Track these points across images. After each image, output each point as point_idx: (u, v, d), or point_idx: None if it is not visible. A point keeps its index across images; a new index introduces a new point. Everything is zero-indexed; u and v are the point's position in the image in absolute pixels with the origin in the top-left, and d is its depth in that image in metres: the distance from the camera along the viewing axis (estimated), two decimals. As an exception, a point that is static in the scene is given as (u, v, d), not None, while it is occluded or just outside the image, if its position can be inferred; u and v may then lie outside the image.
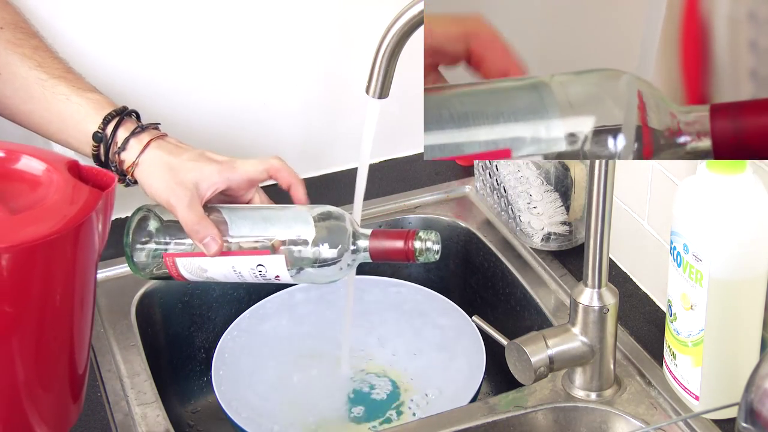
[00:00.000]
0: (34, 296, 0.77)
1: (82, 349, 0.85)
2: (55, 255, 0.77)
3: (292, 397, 1.26)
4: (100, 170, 0.81)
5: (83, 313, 0.83)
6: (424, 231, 1.02)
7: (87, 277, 0.81)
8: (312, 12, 1.38)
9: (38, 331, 0.80)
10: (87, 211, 0.78)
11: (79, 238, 0.78)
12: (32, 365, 0.81)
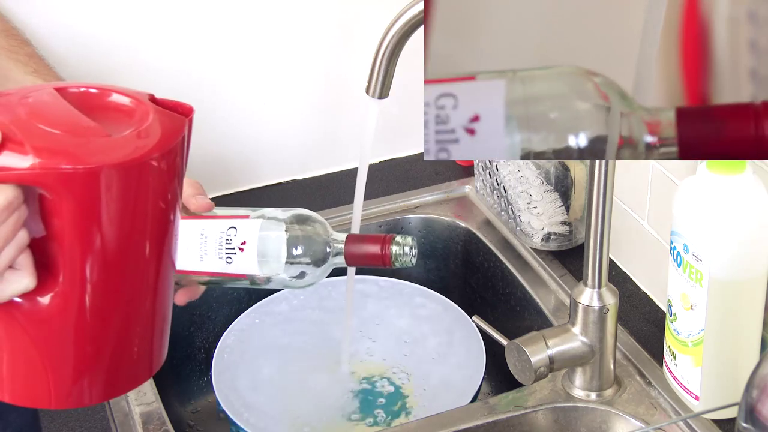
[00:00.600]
0: (143, 217, 0.79)
1: (169, 296, 0.85)
2: (155, 175, 0.78)
3: (292, 397, 1.26)
4: (177, 102, 0.83)
5: (171, 261, 0.84)
6: (401, 236, 0.99)
7: (174, 214, 0.82)
8: (312, 12, 1.38)
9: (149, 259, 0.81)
10: (180, 130, 0.80)
11: (173, 160, 0.80)
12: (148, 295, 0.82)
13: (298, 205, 1.39)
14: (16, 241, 0.76)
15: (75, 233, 0.76)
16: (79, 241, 0.76)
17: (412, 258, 0.98)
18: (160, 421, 1.08)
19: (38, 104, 0.78)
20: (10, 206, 0.74)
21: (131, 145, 0.76)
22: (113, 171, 0.75)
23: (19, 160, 0.73)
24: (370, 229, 1.37)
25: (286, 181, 1.46)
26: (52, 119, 0.76)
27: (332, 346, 1.29)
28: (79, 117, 0.77)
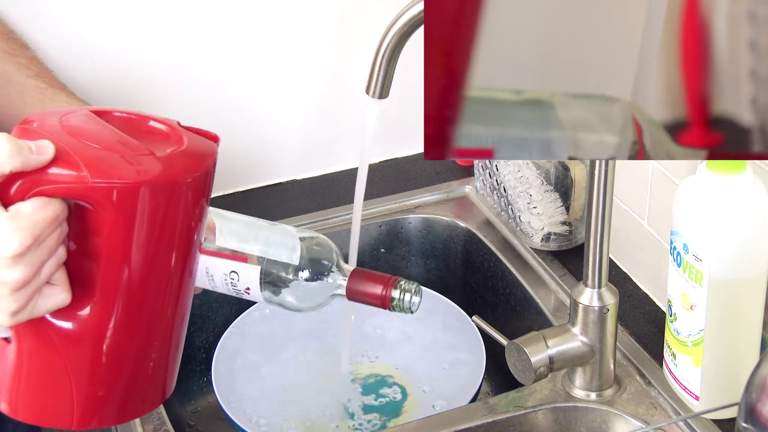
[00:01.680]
0: (179, 233, 0.80)
1: (186, 316, 0.87)
2: (194, 193, 0.80)
3: (292, 397, 1.26)
4: (202, 129, 0.85)
5: (193, 282, 0.85)
6: (406, 281, 0.95)
7: (201, 236, 0.84)
8: (312, 12, 1.38)
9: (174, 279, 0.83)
10: (213, 153, 0.83)
11: (209, 180, 0.82)
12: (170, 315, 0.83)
13: (299, 205, 1.40)
14: (56, 256, 0.77)
15: (114, 249, 0.77)
16: (117, 258, 0.78)
17: (415, 306, 0.96)
18: (160, 421, 1.08)
19: (79, 124, 0.79)
20: (57, 220, 0.75)
21: (174, 164, 0.78)
22: (158, 187, 0.77)
23: (69, 174, 0.74)
24: (370, 229, 1.37)
25: (286, 181, 1.46)
26: (95, 137, 0.77)
27: (332, 346, 1.29)
28: (121, 135, 0.79)
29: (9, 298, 0.75)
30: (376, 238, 1.38)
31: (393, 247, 1.40)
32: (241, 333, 1.27)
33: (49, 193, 0.75)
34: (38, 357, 0.80)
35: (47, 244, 0.75)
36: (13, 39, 1.20)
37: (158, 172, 0.77)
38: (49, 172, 0.74)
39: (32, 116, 0.79)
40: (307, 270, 0.96)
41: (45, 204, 0.74)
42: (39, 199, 0.74)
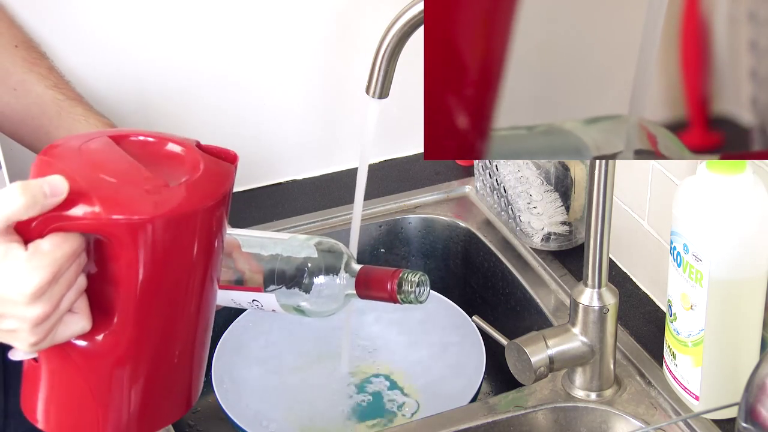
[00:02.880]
0: (196, 261, 0.81)
1: (208, 338, 0.87)
2: (208, 222, 0.81)
3: (292, 397, 1.26)
4: (221, 148, 0.86)
5: (215, 298, 0.85)
6: (411, 272, 0.97)
7: (220, 258, 0.85)
8: (312, 12, 1.38)
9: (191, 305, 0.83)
10: (230, 177, 0.83)
11: (224, 207, 0.82)
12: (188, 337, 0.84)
13: (299, 205, 1.40)
14: (76, 286, 0.78)
15: (131, 277, 0.78)
16: (134, 285, 0.79)
17: (423, 295, 0.97)
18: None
19: (97, 153, 0.80)
20: (75, 254, 0.76)
21: (188, 194, 0.79)
22: (172, 220, 0.78)
23: (85, 210, 0.75)
24: (370, 229, 1.37)
25: (286, 181, 1.46)
26: (111, 169, 0.78)
27: (332, 346, 1.29)
28: (137, 167, 0.79)
29: (29, 332, 0.76)
30: (376, 238, 1.38)
31: (393, 247, 1.40)
32: (241, 333, 1.27)
33: (66, 228, 0.76)
34: (63, 377, 0.82)
35: (66, 277, 0.76)
36: (33, 48, 1.21)
37: (172, 205, 0.78)
38: (66, 209, 0.75)
39: (53, 146, 0.80)
40: (321, 275, 0.98)
41: (63, 240, 0.75)
42: (57, 235, 0.75)
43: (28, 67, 1.18)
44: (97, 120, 1.17)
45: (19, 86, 1.17)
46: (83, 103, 1.18)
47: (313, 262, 0.98)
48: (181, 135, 0.85)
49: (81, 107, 1.17)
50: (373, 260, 1.38)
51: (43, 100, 1.17)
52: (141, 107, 1.32)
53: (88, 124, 1.16)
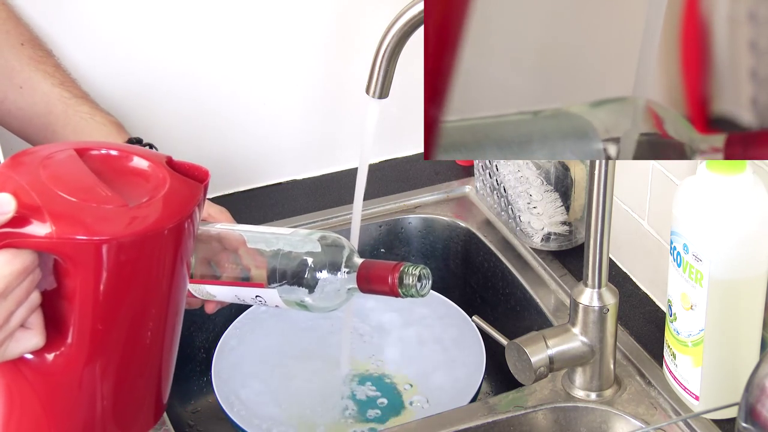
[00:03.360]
0: (155, 282, 0.80)
1: (173, 355, 0.86)
2: (168, 244, 0.79)
3: (292, 397, 1.26)
4: (192, 164, 0.84)
5: (179, 315, 0.84)
6: (412, 265, 0.95)
7: (185, 276, 0.83)
8: (312, 12, 1.38)
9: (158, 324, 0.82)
10: (195, 198, 0.81)
11: (187, 228, 0.81)
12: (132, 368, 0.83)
13: (299, 205, 1.40)
14: (28, 302, 0.77)
15: (86, 297, 0.77)
16: (89, 305, 0.77)
17: (424, 288, 0.96)
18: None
19: (58, 169, 0.78)
20: (26, 271, 0.75)
21: (147, 215, 0.77)
22: (128, 242, 0.76)
23: (38, 228, 0.74)
24: (370, 229, 1.37)
25: (286, 181, 1.46)
26: (71, 185, 0.77)
27: (332, 345, 1.29)
28: (97, 184, 0.78)
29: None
30: (376, 238, 1.38)
31: (393, 247, 1.40)
32: (241, 333, 1.27)
33: (17, 245, 0.74)
34: (15, 394, 0.80)
35: (16, 294, 0.75)
36: (39, 45, 1.21)
37: (128, 228, 0.76)
38: (18, 225, 0.74)
39: (17, 156, 0.79)
40: (324, 271, 0.97)
41: (13, 257, 0.74)
42: (7, 252, 0.74)
43: (34, 66, 1.18)
44: (103, 118, 1.17)
45: (26, 84, 1.16)
46: (89, 101, 1.18)
47: (315, 257, 0.97)
48: (151, 151, 0.83)
49: (87, 105, 1.17)
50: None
51: (50, 98, 1.17)
52: (144, 106, 1.32)
53: (94, 122, 1.16)
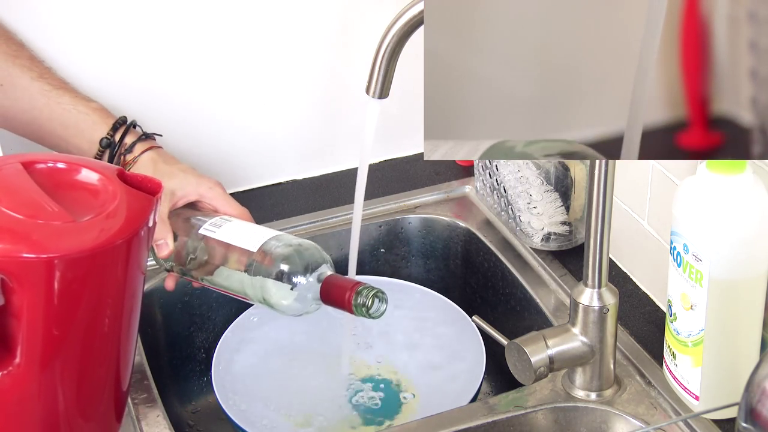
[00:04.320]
0: (105, 297, 0.79)
1: (129, 361, 0.86)
2: (118, 259, 0.78)
3: (293, 397, 1.26)
4: (145, 177, 0.83)
5: (133, 324, 0.83)
6: (368, 287, 1.00)
7: (138, 284, 0.82)
8: (312, 12, 1.38)
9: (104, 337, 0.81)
10: (145, 215, 0.80)
11: (138, 242, 0.79)
12: (85, 380, 0.82)
13: (299, 205, 1.40)
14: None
15: (35, 314, 0.76)
16: (38, 322, 0.76)
17: (377, 312, 1.00)
18: (161, 421, 1.08)
19: (4, 182, 0.77)
20: None
21: (95, 232, 0.76)
22: (76, 258, 0.75)
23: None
24: (370, 229, 1.37)
25: (286, 181, 1.46)
26: (17, 201, 0.75)
27: (332, 345, 1.29)
28: (44, 199, 0.76)
29: None
30: (376, 238, 1.38)
31: (393, 247, 1.40)
32: (241, 333, 1.27)
33: None
34: None
35: None
36: (11, 39, 1.21)
37: (76, 245, 0.75)
38: None
39: None
40: (296, 276, 1.02)
41: None
42: None
43: (11, 61, 1.17)
44: (86, 107, 1.17)
45: (5, 81, 1.16)
46: (70, 91, 1.18)
47: (289, 262, 1.01)
48: (97, 162, 0.81)
49: (68, 95, 1.17)
50: (373, 260, 1.38)
51: (31, 92, 1.16)
52: (144, 107, 1.32)
53: (77, 111, 1.16)
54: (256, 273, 1.03)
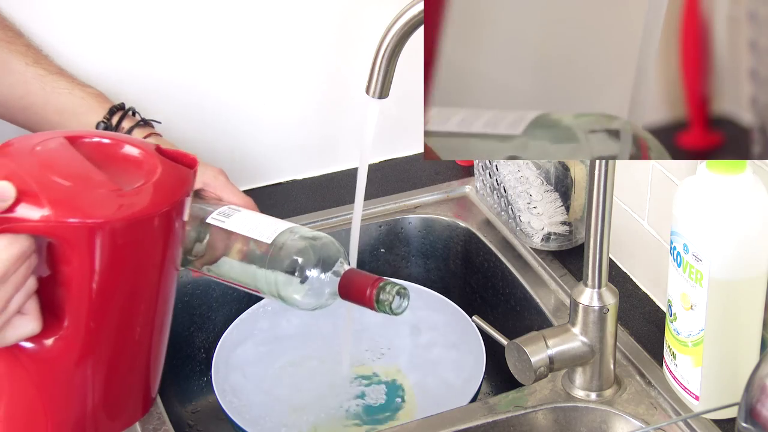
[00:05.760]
0: (149, 265, 0.81)
1: (162, 351, 0.87)
2: (162, 227, 0.80)
3: (292, 397, 1.26)
4: (180, 151, 0.84)
5: (169, 306, 0.84)
6: (392, 283, 0.97)
7: (177, 261, 0.84)
8: (312, 12, 1.38)
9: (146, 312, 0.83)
10: (187, 185, 0.82)
11: (181, 212, 0.81)
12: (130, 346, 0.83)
13: (299, 205, 1.40)
14: (25, 288, 0.77)
15: (82, 281, 0.78)
16: (86, 289, 0.78)
17: (399, 308, 0.98)
18: (160, 421, 1.08)
19: (51, 155, 0.79)
20: (23, 256, 0.76)
21: (141, 199, 0.78)
22: (124, 224, 0.77)
23: (34, 212, 0.75)
24: (370, 229, 1.37)
25: (286, 181, 1.46)
26: (65, 171, 0.77)
27: (332, 346, 1.29)
28: (91, 169, 0.79)
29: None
30: (376, 238, 1.38)
31: (393, 247, 1.40)
32: (241, 333, 1.27)
33: (14, 230, 0.75)
34: (10, 381, 0.81)
35: (14, 279, 0.76)
36: (8, 27, 1.20)
37: (123, 210, 0.77)
38: (15, 210, 0.75)
39: (7, 145, 0.79)
40: (310, 270, 0.99)
41: (11, 242, 0.75)
42: (5, 237, 0.75)
43: (6, 47, 1.17)
44: (82, 91, 1.16)
45: (1, 67, 1.16)
46: (66, 76, 1.17)
47: (304, 255, 0.98)
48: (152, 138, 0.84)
49: (64, 80, 1.16)
50: (373, 260, 1.38)
51: (26, 77, 1.16)
52: (144, 107, 1.32)
53: (74, 96, 1.15)
54: (270, 266, 1.01)
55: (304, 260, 0.99)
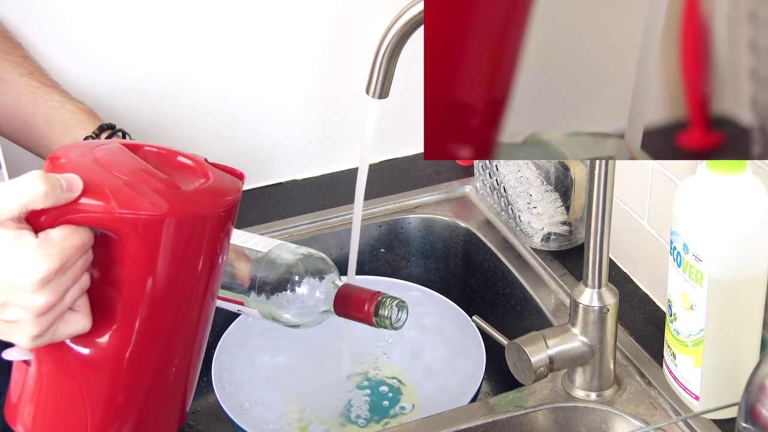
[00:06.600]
0: (201, 265, 0.81)
1: (200, 357, 0.88)
2: (221, 225, 0.81)
3: (292, 397, 1.26)
4: (228, 166, 0.86)
5: (211, 315, 0.85)
6: (390, 297, 0.97)
7: (222, 267, 0.85)
8: (312, 12, 1.38)
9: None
10: (238, 188, 0.84)
11: (232, 217, 0.83)
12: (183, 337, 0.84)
13: (299, 205, 1.40)
14: (80, 282, 0.78)
15: (137, 281, 0.78)
16: (139, 288, 0.79)
17: (399, 322, 0.98)
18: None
19: (111, 155, 0.80)
20: (83, 247, 0.76)
21: (200, 198, 0.80)
22: (183, 220, 0.78)
23: (96, 203, 0.76)
24: (370, 229, 1.37)
25: (285, 181, 1.46)
26: (126, 169, 0.79)
27: (332, 346, 1.29)
28: (150, 169, 0.80)
29: (32, 322, 0.76)
30: (376, 238, 1.38)
31: (393, 247, 1.40)
32: (241, 333, 1.27)
33: (77, 221, 0.76)
34: (56, 381, 0.81)
35: (73, 271, 0.76)
36: (7, 37, 1.21)
37: (183, 206, 0.78)
38: (78, 201, 0.76)
39: (65, 147, 0.81)
40: (302, 288, 1.00)
41: (73, 232, 0.76)
42: (67, 227, 0.76)
43: (2, 57, 1.17)
44: (74, 106, 1.16)
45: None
46: (59, 90, 1.17)
47: (296, 274, 0.99)
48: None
49: (57, 94, 1.16)
50: (373, 260, 1.38)
51: (18, 87, 1.16)
52: (143, 107, 1.32)
53: (64, 110, 1.15)
54: (260, 286, 1.01)
55: (296, 274, 0.99)
